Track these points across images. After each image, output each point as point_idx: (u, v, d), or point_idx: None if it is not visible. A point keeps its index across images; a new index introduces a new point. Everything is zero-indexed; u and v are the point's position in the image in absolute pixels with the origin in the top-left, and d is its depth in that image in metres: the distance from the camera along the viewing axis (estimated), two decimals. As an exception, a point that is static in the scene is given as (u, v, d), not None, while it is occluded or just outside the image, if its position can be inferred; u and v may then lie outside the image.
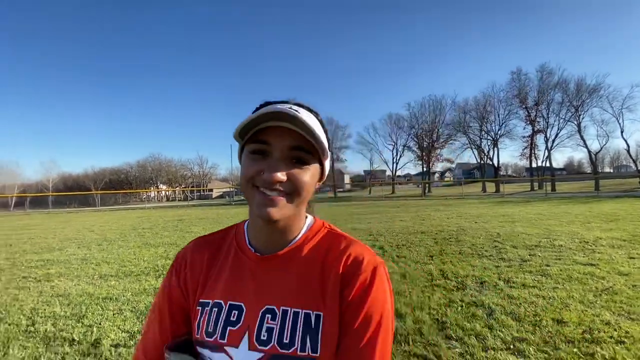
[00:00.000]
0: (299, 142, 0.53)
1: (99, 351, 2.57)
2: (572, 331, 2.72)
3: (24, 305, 3.66)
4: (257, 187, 0.53)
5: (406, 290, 3.83)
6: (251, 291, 0.55)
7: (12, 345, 2.70)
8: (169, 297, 0.61)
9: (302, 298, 0.53)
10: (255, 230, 0.60)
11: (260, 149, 0.53)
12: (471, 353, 2.42)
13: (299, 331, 0.51)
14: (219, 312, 0.55)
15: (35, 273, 5.12)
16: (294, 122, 0.50)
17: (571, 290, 3.69)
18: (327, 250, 0.58)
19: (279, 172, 0.51)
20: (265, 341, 0.51)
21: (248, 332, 0.52)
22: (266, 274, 0.56)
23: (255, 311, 0.53)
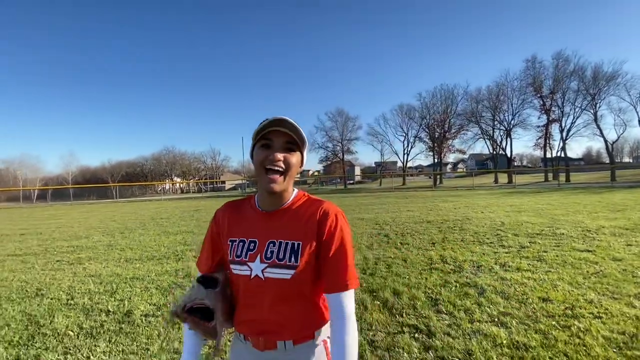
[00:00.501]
0: (288, 139, 0.89)
1: (132, 319, 2.97)
2: (555, 308, 2.97)
3: (61, 284, 4.11)
4: (266, 169, 0.86)
5: (405, 273, 4.12)
6: (261, 232, 0.93)
7: (56, 315, 3.13)
8: (211, 235, 1.02)
9: (289, 235, 0.91)
10: (263, 197, 0.96)
11: (267, 143, 0.88)
12: (458, 324, 2.70)
13: (287, 252, 0.88)
14: (242, 244, 0.92)
15: (68, 257, 5.62)
16: (286, 126, 0.86)
17: (563, 273, 3.91)
18: (308, 207, 0.94)
19: (278, 154, 0.87)
20: (269, 258, 0.89)
21: (259, 254, 0.90)
22: (269, 223, 0.94)
23: (263, 243, 0.91)
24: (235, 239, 0.94)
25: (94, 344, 2.55)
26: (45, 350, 2.47)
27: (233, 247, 0.93)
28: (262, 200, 0.96)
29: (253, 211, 0.97)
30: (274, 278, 0.87)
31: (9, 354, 2.44)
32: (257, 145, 0.89)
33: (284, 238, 0.90)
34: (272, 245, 0.89)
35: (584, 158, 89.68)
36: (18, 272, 4.74)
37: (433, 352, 2.29)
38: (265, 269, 0.87)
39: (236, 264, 0.91)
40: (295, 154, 0.91)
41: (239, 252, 0.91)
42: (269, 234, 0.91)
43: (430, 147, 48.13)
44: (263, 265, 0.88)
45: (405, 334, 2.57)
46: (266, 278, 0.87)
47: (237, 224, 0.97)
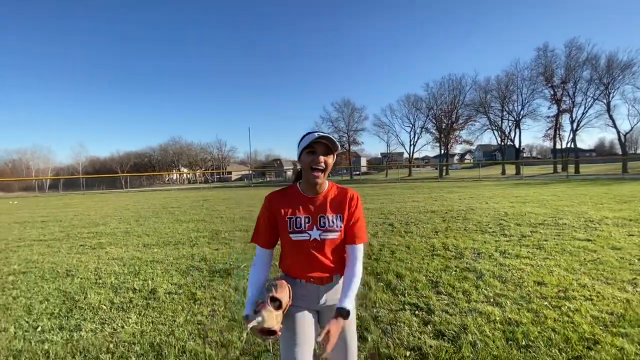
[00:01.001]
0: (326, 147, 1.28)
1: (157, 296, 3.26)
2: (548, 290, 3.17)
3: (88, 266, 4.44)
4: (312, 168, 1.26)
5: (408, 258, 4.34)
6: (311, 210, 1.34)
7: (88, 292, 3.43)
8: (268, 217, 1.35)
9: (332, 211, 1.35)
10: (308, 187, 1.35)
11: (312, 151, 1.27)
12: (456, 304, 2.93)
13: (334, 221, 1.33)
14: (300, 220, 1.32)
15: (89, 242, 5.97)
16: (326, 139, 1.26)
17: (560, 260, 4.09)
18: (339, 193, 1.39)
19: (321, 158, 1.27)
20: (323, 226, 1.32)
21: (315, 224, 1.32)
22: (316, 204, 1.35)
23: (316, 217, 1.33)
24: (292, 216, 1.33)
25: (126, 316, 2.84)
26: (84, 320, 2.77)
27: (292, 222, 1.32)
28: (307, 188, 1.36)
29: (301, 196, 1.36)
30: (327, 239, 1.31)
31: (52, 323, 2.74)
32: (304, 152, 1.28)
33: (330, 213, 1.34)
34: (323, 218, 1.33)
35: (596, 149, 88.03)
36: (46, 255, 5.09)
37: (431, 327, 2.52)
38: (321, 234, 1.31)
39: (297, 233, 1.31)
40: (331, 156, 1.31)
41: (299, 224, 1.31)
42: (318, 211, 1.34)
43: (437, 138, 47.85)
44: (319, 231, 1.31)
45: (406, 311, 2.81)
46: (322, 239, 1.31)
47: (291, 206, 1.34)
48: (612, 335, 2.32)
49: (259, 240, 1.36)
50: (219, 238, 6.02)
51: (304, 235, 1.30)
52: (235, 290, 3.37)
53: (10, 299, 3.32)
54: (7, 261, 4.82)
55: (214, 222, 7.96)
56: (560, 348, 2.19)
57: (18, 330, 2.64)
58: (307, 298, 1.33)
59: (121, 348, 2.32)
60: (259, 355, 2.20)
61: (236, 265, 4.25)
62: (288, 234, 1.30)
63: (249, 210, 10.15)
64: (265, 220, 1.35)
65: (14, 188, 42.49)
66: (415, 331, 2.46)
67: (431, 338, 2.35)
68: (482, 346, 2.23)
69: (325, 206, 1.34)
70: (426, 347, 2.23)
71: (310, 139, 1.25)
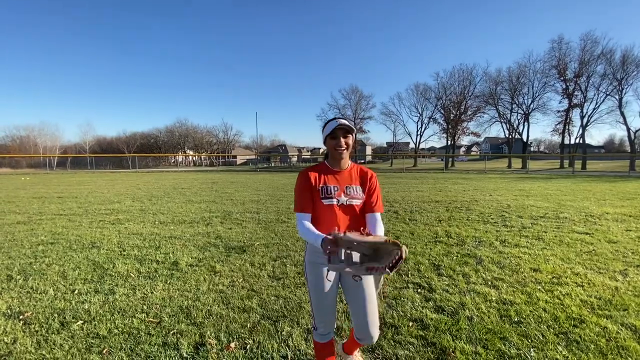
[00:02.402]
0: (345, 132, 1.58)
1: (179, 267, 3.54)
2: (543, 277, 3.39)
3: (111, 239, 4.73)
4: (336, 149, 1.57)
5: (412, 244, 4.58)
6: (339, 182, 1.63)
7: (116, 262, 3.72)
8: (309, 188, 1.60)
9: (355, 182, 1.66)
10: (335, 163, 1.65)
11: (334, 136, 1.57)
12: (456, 284, 3.17)
13: (358, 191, 1.64)
14: (330, 188, 1.60)
15: (108, 218, 6.28)
16: (343, 125, 1.55)
17: (557, 250, 4.30)
18: (360, 170, 1.71)
19: (342, 140, 1.58)
20: (349, 194, 1.62)
21: (343, 192, 1.61)
22: (342, 177, 1.65)
23: (343, 187, 1.63)
24: (323, 185, 1.62)
25: (153, 283, 3.12)
26: (116, 286, 3.06)
27: (323, 190, 1.61)
28: (334, 164, 1.66)
29: (330, 171, 1.66)
30: (352, 204, 1.60)
31: (87, 287, 3.03)
32: (328, 137, 1.59)
33: (354, 184, 1.64)
34: (348, 188, 1.62)
35: (605, 146, 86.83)
36: (69, 229, 5.40)
37: (432, 303, 2.76)
38: (348, 199, 1.60)
39: (327, 198, 1.59)
40: (350, 137, 1.60)
41: (329, 192, 1.60)
42: (344, 182, 1.64)
43: (445, 129, 47.51)
44: (346, 198, 1.60)
45: (409, 289, 3.05)
46: (348, 204, 1.60)
47: (322, 178, 1.64)
48: (597, 317, 2.55)
49: (303, 207, 1.59)
50: (231, 218, 6.29)
51: (333, 200, 1.58)
52: (251, 265, 3.64)
53: (44, 266, 3.62)
54: (33, 232, 5.13)
55: (224, 204, 8.25)
56: (549, 325, 2.43)
57: (57, 292, 2.93)
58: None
59: (154, 309, 2.60)
60: (277, 320, 2.46)
61: (250, 243, 4.52)
62: (320, 199, 1.58)
63: (257, 194, 10.43)
64: (305, 189, 1.60)
65: (22, 164, 43.21)
66: (417, 306, 2.70)
67: (432, 312, 2.60)
68: (477, 320, 2.47)
69: (351, 178, 1.65)
70: (427, 319, 2.47)
71: (332, 128, 1.54)
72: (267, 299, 2.80)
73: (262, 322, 2.44)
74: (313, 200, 1.61)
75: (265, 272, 3.44)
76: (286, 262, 3.76)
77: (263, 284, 3.14)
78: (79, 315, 2.51)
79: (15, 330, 2.30)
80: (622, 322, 2.45)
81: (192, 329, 2.32)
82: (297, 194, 1.62)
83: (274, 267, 3.59)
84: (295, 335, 2.26)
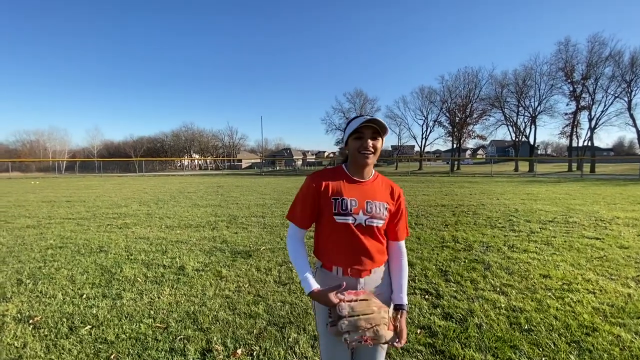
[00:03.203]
0: (374, 130, 1.25)
1: (186, 272, 3.55)
2: (553, 283, 3.33)
3: (118, 243, 4.77)
4: (360, 152, 1.24)
5: (418, 248, 4.54)
6: (359, 194, 1.29)
7: (123, 267, 3.75)
8: (312, 196, 1.29)
9: (380, 198, 1.31)
10: (356, 170, 1.32)
11: (360, 136, 1.25)
12: (464, 291, 3.13)
13: (381, 208, 1.29)
14: (346, 202, 1.26)
15: (115, 222, 6.34)
16: (374, 122, 1.22)
17: (567, 256, 4.23)
18: (386, 183, 1.38)
19: (370, 142, 1.24)
20: (369, 211, 1.27)
21: (362, 208, 1.27)
22: (363, 189, 1.31)
23: (362, 201, 1.28)
24: (338, 197, 1.27)
25: (160, 288, 3.13)
26: (124, 290, 3.07)
27: (337, 203, 1.26)
28: (355, 172, 1.33)
29: (349, 179, 1.32)
30: (373, 225, 1.27)
31: (95, 292, 3.05)
32: (352, 137, 1.26)
33: (377, 199, 1.30)
34: (370, 204, 1.28)
35: (614, 148, 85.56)
36: (78, 233, 5.46)
37: (440, 309, 2.73)
38: (367, 219, 1.26)
39: (342, 215, 1.25)
40: (380, 140, 1.28)
41: (344, 207, 1.25)
42: (365, 195, 1.29)
43: (450, 132, 47.26)
44: (365, 216, 1.26)
45: (417, 295, 3.02)
46: (367, 225, 1.27)
47: (338, 187, 1.29)
48: (610, 325, 2.49)
49: (296, 218, 1.32)
50: (236, 222, 6.31)
51: (348, 219, 1.24)
52: (257, 270, 3.64)
53: (53, 270, 3.66)
54: (42, 236, 5.20)
55: (230, 208, 8.27)
56: (560, 333, 2.38)
57: (66, 297, 2.95)
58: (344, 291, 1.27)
59: (161, 314, 2.60)
60: (284, 326, 2.45)
61: (256, 248, 4.52)
62: (332, 215, 1.25)
63: (262, 197, 10.45)
64: (308, 199, 1.29)
65: (31, 168, 43.91)
66: (425, 312, 2.67)
67: (440, 319, 2.57)
68: (487, 328, 2.43)
69: (374, 192, 1.31)
70: (435, 327, 2.44)
71: (358, 123, 1.21)
72: (273, 305, 2.80)
73: (268, 328, 2.43)
74: (318, 214, 1.31)
75: (272, 278, 3.43)
76: (292, 267, 3.76)
77: (269, 289, 3.14)
78: (87, 320, 2.53)
79: (25, 334, 2.32)
80: (636, 331, 2.39)
81: (198, 334, 2.32)
82: (298, 200, 1.33)
83: (280, 272, 3.58)
84: (302, 342, 2.25)
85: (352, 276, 1.27)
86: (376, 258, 1.29)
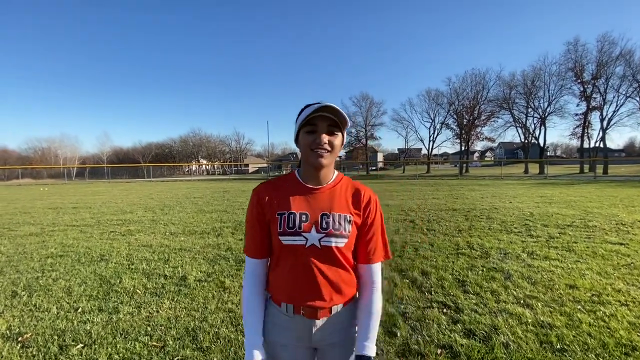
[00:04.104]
0: (331, 122, 0.95)
1: (187, 283, 3.37)
2: (581, 294, 3.08)
3: (120, 251, 4.63)
4: (313, 150, 0.94)
5: (432, 256, 4.30)
6: (312, 206, 0.99)
7: (123, 277, 3.59)
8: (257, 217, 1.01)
9: (341, 208, 1.00)
10: (309, 174, 1.01)
11: (312, 129, 0.94)
12: (485, 303, 2.89)
13: (342, 222, 0.97)
14: (294, 217, 0.96)
15: (119, 229, 6.22)
16: (328, 110, 0.92)
17: (592, 263, 3.95)
18: (351, 187, 1.06)
19: (324, 138, 0.94)
20: (325, 228, 0.96)
21: (314, 224, 0.96)
22: (318, 197, 1.01)
23: (316, 215, 0.97)
24: (283, 211, 0.97)
25: (159, 301, 2.95)
26: (121, 304, 2.90)
27: (283, 219, 0.96)
28: (308, 177, 1.02)
29: (299, 187, 1.02)
30: (330, 246, 0.95)
31: (92, 305, 2.89)
32: (302, 130, 0.96)
33: (336, 211, 0.98)
34: (326, 217, 0.97)
35: (625, 149, 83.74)
36: (80, 240, 5.34)
37: (461, 325, 2.50)
38: (322, 238, 0.95)
39: (288, 235, 0.95)
40: (338, 136, 0.97)
41: (292, 223, 0.95)
42: (320, 207, 0.98)
43: (458, 135, 46.70)
44: (319, 235, 0.95)
45: (434, 308, 2.79)
46: (323, 246, 0.95)
47: (284, 199, 1.00)
48: (651, 343, 2.24)
49: (249, 248, 1.03)
50: (242, 229, 6.14)
51: (297, 239, 0.95)
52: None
53: (51, 281, 3.51)
54: (44, 245, 5.09)
55: (235, 213, 8.12)
56: (597, 353, 2.14)
57: (60, 311, 2.80)
58: (295, 333, 1.00)
59: (158, 331, 2.42)
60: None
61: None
62: (278, 236, 0.96)
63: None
64: (254, 218, 1.01)
65: (43, 175, 44.57)
66: (444, 329, 2.45)
67: (461, 337, 2.34)
68: (515, 348, 2.20)
69: (331, 201, 1.00)
70: (457, 346, 2.22)
71: (309, 113, 0.91)
72: None
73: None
74: (267, 236, 1.02)
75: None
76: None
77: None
78: (80, 337, 2.36)
79: (12, 354, 2.16)
80: (684, 351, 2.13)
81: (197, 355, 2.13)
82: (247, 223, 1.05)
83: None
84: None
85: (305, 316, 0.98)
86: (339, 291, 0.99)
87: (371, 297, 1.00)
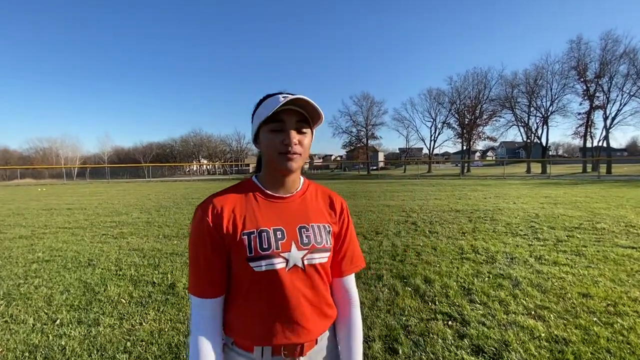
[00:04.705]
0: (300, 117, 0.77)
1: (176, 291, 3.18)
2: (596, 304, 2.87)
3: (109, 256, 4.44)
4: (281, 153, 0.76)
5: (436, 261, 4.10)
6: (287, 218, 0.81)
7: (108, 284, 3.40)
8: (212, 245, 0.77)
9: (318, 218, 0.85)
10: (275, 181, 0.84)
11: (278, 127, 0.76)
12: (493, 315, 2.68)
13: (323, 234, 0.83)
14: (267, 235, 0.77)
15: (112, 232, 6.03)
16: (299, 103, 0.75)
17: (604, 269, 3.74)
18: (321, 193, 0.92)
19: (294, 138, 0.75)
20: (307, 243, 0.80)
21: (294, 240, 0.79)
22: (291, 208, 0.84)
23: (293, 229, 0.80)
24: (252, 230, 0.77)
25: (144, 312, 2.76)
26: (103, 315, 2.71)
27: (252, 240, 0.76)
28: (273, 184, 0.84)
29: (264, 198, 0.83)
30: (315, 264, 0.80)
31: (71, 316, 2.70)
32: (265, 128, 0.77)
33: (315, 221, 0.83)
34: (305, 230, 0.81)
35: (628, 149, 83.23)
36: (70, 244, 5.15)
37: (468, 340, 2.30)
38: (306, 255, 0.78)
39: (263, 258, 0.75)
40: (307, 134, 0.80)
41: (266, 243, 0.76)
42: (296, 218, 0.82)
43: (459, 134, 46.43)
44: (302, 252, 0.78)
45: (439, 320, 2.59)
46: (307, 265, 0.79)
47: (249, 214, 0.79)
48: (678, 362, 2.03)
49: (196, 285, 0.78)
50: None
51: (276, 262, 0.75)
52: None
53: (32, 288, 3.33)
54: (32, 248, 4.90)
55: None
56: (620, 374, 1.93)
57: (37, 323, 2.61)
58: None
59: (138, 348, 2.23)
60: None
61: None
62: (246, 262, 0.75)
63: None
64: (206, 246, 0.77)
65: (44, 175, 44.49)
66: (450, 345, 2.25)
67: (469, 354, 2.14)
68: (528, 367, 2.00)
69: (306, 210, 0.84)
70: (464, 365, 2.02)
71: (274, 106, 0.72)
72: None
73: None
74: (226, 266, 0.79)
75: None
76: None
77: None
78: (52, 354, 2.16)
79: (-24, 375, 1.97)
80: None
81: (179, 376, 1.94)
82: (192, 255, 0.80)
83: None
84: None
85: (287, 356, 0.78)
86: (324, 317, 0.83)
87: (351, 316, 0.88)
